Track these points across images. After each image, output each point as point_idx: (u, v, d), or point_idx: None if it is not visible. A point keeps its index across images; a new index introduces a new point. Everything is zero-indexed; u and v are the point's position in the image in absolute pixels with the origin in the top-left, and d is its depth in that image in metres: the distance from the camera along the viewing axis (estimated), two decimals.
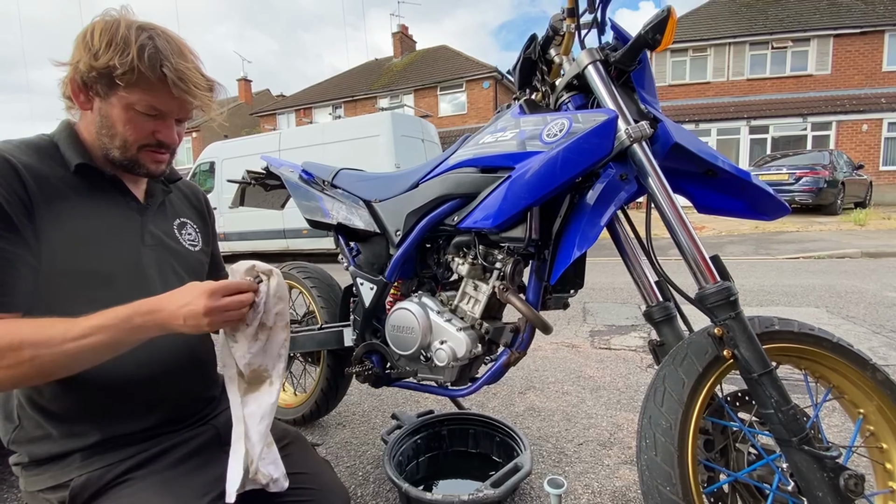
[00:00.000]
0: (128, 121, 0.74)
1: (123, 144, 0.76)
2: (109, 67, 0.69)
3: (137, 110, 0.74)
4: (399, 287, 1.34)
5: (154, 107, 0.74)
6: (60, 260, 0.70)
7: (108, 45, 0.69)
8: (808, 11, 14.79)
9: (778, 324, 0.87)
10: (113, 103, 0.73)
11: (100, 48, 0.69)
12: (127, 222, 0.81)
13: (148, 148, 0.78)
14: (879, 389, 0.85)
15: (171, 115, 0.78)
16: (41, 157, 0.73)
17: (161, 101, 0.75)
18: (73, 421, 0.74)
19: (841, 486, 0.76)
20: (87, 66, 0.70)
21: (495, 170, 1.05)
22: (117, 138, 0.75)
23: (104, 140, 0.76)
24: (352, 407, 1.95)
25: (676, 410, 0.79)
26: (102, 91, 0.73)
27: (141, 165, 0.78)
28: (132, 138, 0.75)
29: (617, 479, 1.37)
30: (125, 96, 0.72)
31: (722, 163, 0.94)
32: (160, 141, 0.78)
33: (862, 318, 2.90)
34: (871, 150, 13.10)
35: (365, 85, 19.72)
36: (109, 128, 0.75)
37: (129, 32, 0.71)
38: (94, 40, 0.70)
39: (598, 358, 2.45)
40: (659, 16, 0.88)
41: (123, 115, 0.74)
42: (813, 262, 5.19)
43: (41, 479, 0.73)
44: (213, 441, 0.86)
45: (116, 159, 0.77)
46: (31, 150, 0.73)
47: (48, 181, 0.71)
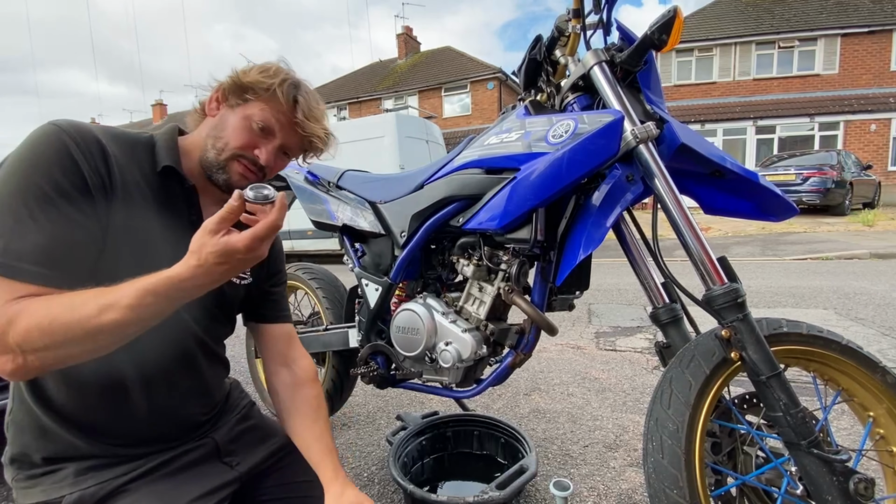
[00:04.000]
0: (239, 128, 0.79)
1: (223, 147, 0.79)
2: (252, 83, 0.78)
3: (254, 122, 0.79)
4: (404, 288, 1.34)
5: (269, 123, 0.80)
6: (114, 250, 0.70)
7: (261, 70, 0.80)
8: (815, 10, 14.68)
9: (786, 326, 0.86)
10: (236, 112, 0.80)
11: (251, 70, 0.80)
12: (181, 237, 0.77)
13: (242, 160, 0.80)
14: (889, 392, 0.84)
15: (279, 136, 0.82)
16: (134, 151, 0.76)
17: (279, 122, 0.81)
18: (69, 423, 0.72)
19: (850, 490, 0.75)
20: (231, 81, 0.79)
21: (500, 171, 1.05)
22: (221, 140, 0.79)
23: (209, 141, 0.80)
24: (357, 408, 1.95)
25: (683, 413, 0.78)
26: (234, 101, 0.80)
27: (226, 172, 0.80)
28: (234, 143, 0.79)
29: (623, 481, 1.36)
30: (250, 107, 0.79)
31: (729, 164, 0.93)
32: (255, 157, 0.80)
33: (871, 319, 2.87)
34: (880, 151, 12.98)
35: (369, 86, 19.78)
36: (220, 130, 0.80)
37: (282, 69, 0.82)
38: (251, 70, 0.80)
39: (604, 359, 2.44)
40: (665, 16, 0.87)
41: (239, 122, 0.79)
42: (821, 263, 5.14)
43: (31, 493, 0.72)
44: (211, 454, 0.84)
45: (208, 161, 0.79)
46: (128, 143, 0.76)
47: (130, 175, 0.73)
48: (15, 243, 0.60)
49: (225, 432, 0.88)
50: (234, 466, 0.85)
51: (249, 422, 0.94)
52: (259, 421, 0.96)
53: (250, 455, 0.88)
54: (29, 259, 0.60)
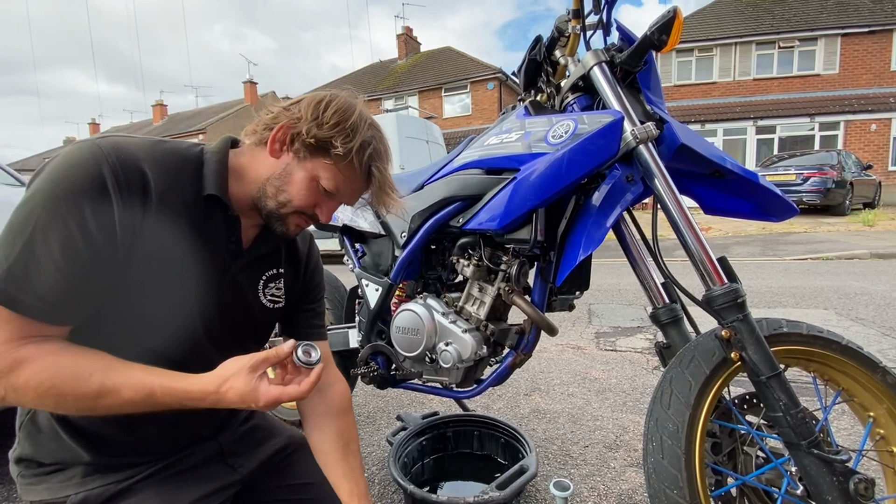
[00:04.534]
0: (306, 188, 0.75)
1: (285, 203, 0.75)
2: (328, 142, 0.72)
3: (321, 184, 0.75)
4: (404, 288, 1.34)
5: (337, 189, 0.76)
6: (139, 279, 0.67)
7: (337, 124, 0.72)
8: (816, 10, 14.67)
9: (786, 326, 0.86)
10: (304, 167, 0.74)
11: (328, 122, 0.71)
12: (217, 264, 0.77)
13: (301, 215, 0.78)
14: (890, 393, 0.84)
15: (342, 199, 0.79)
16: (179, 175, 0.71)
17: (346, 189, 0.77)
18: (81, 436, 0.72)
19: (851, 491, 0.75)
20: (306, 129, 0.71)
21: (500, 171, 1.05)
22: (283, 195, 0.75)
23: (269, 189, 0.75)
24: (357, 408, 1.95)
25: (683, 413, 0.78)
26: (303, 153, 0.73)
27: (284, 224, 0.77)
28: (297, 203, 0.75)
29: (623, 481, 1.36)
30: (319, 168, 0.74)
31: (729, 164, 0.93)
32: (315, 214, 0.78)
33: (871, 320, 2.87)
34: (880, 151, 12.97)
35: (369, 86, 19.78)
36: (284, 182, 0.74)
37: (360, 123, 0.74)
38: (325, 112, 0.72)
39: (604, 360, 2.44)
40: (665, 16, 0.87)
41: (306, 181, 0.74)
42: (821, 263, 5.14)
43: (36, 490, 0.72)
44: (215, 456, 0.84)
45: (267, 209, 0.76)
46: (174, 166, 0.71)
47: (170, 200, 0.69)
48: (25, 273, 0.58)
49: (229, 434, 0.88)
50: (237, 468, 0.85)
51: (252, 423, 0.94)
52: (261, 422, 0.96)
53: (253, 457, 0.88)
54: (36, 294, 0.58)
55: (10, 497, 1.35)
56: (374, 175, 0.77)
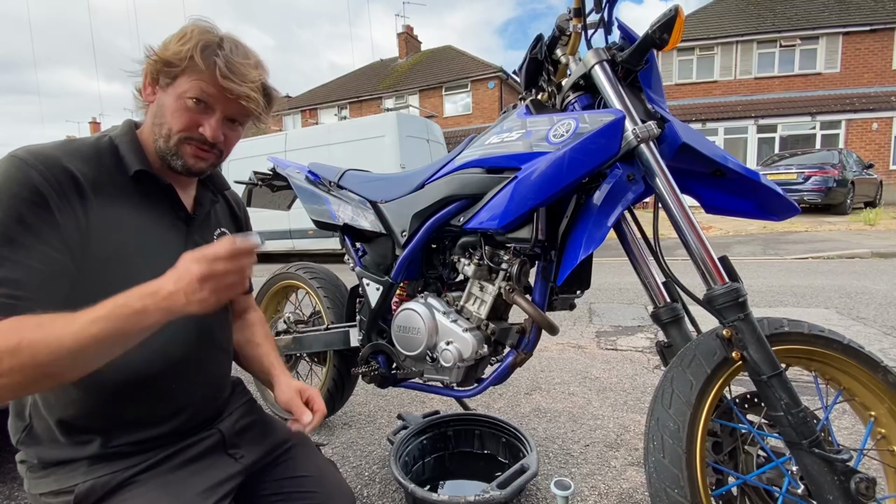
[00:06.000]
0: (176, 109, 0.76)
1: (168, 133, 0.77)
2: (170, 56, 0.74)
3: (187, 99, 0.76)
4: (405, 288, 1.34)
5: (200, 95, 0.76)
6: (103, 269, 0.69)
7: (178, 39, 0.74)
8: (817, 9, 14.64)
9: (787, 325, 0.86)
10: (169, 93, 0.76)
11: (170, 42, 0.75)
12: (173, 233, 0.82)
13: (191, 142, 0.78)
14: (891, 392, 0.84)
15: (217, 107, 0.78)
16: (100, 163, 0.74)
17: (208, 90, 0.76)
18: (82, 429, 0.74)
19: (852, 490, 0.75)
20: (156, 58, 0.75)
21: (501, 170, 1.05)
22: (164, 126, 0.77)
23: (154, 129, 0.78)
24: (358, 407, 1.96)
25: (684, 412, 0.78)
26: (163, 82, 0.76)
27: (180, 157, 0.78)
28: (177, 127, 0.76)
29: (624, 480, 1.36)
30: (179, 85, 0.75)
31: (731, 163, 0.93)
32: (202, 136, 0.78)
33: (872, 319, 2.86)
34: (882, 149, 12.95)
35: (370, 86, 19.77)
36: (160, 117, 0.77)
37: (194, 29, 0.76)
38: (170, 40, 0.75)
39: (605, 359, 2.44)
40: (666, 15, 0.87)
41: (174, 103, 0.76)
42: (822, 262, 5.13)
43: (45, 483, 0.73)
44: (217, 445, 0.86)
45: (160, 150, 0.78)
46: (91, 155, 0.74)
47: (104, 189, 0.72)
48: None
49: (230, 424, 0.90)
50: (239, 459, 0.86)
51: (252, 416, 0.96)
52: (261, 416, 0.98)
53: (254, 449, 0.90)
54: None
55: (10, 496, 1.36)
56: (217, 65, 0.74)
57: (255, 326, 1.08)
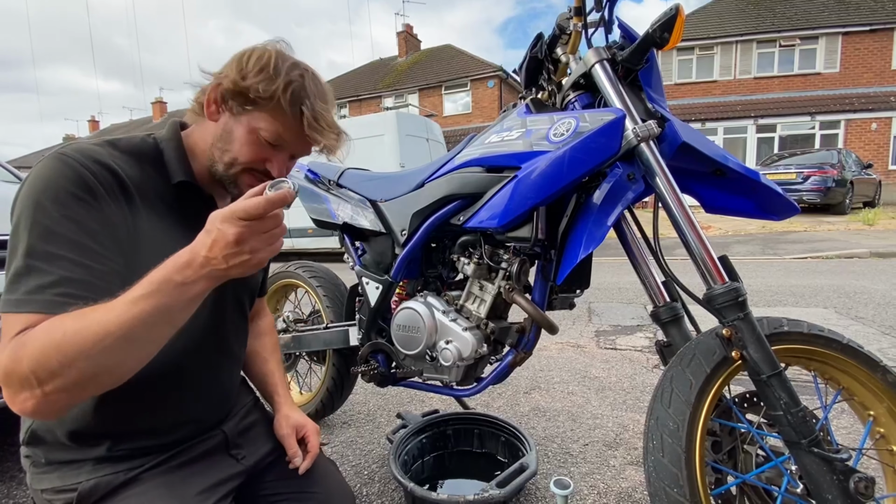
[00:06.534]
0: (247, 142, 0.75)
1: (232, 161, 0.75)
2: (252, 89, 0.71)
3: (261, 135, 0.74)
4: (405, 286, 1.34)
5: (278, 137, 0.75)
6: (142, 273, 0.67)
7: (260, 70, 0.72)
8: (817, 9, 14.64)
9: (787, 325, 0.86)
10: (241, 122, 0.74)
11: (250, 71, 0.72)
12: None
13: (252, 173, 0.77)
14: (890, 391, 0.84)
15: (289, 149, 0.79)
16: (144, 166, 0.73)
17: (287, 135, 0.76)
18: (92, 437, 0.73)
19: (851, 489, 0.75)
20: (231, 83, 0.72)
21: (501, 169, 1.05)
22: (228, 154, 0.75)
23: (215, 152, 0.76)
24: (357, 406, 1.96)
25: (684, 412, 0.78)
26: (236, 108, 0.74)
27: (237, 186, 0.78)
28: (243, 159, 0.75)
29: (623, 479, 1.36)
30: (255, 119, 0.74)
31: (731, 162, 0.93)
32: (267, 170, 0.78)
33: (871, 318, 2.87)
34: (881, 149, 12.96)
35: (369, 84, 19.75)
36: (226, 142, 0.75)
37: (282, 65, 0.73)
38: (247, 63, 0.72)
39: (604, 358, 2.44)
40: (667, 14, 0.87)
41: (245, 135, 0.74)
42: (821, 262, 5.14)
43: (48, 479, 0.73)
44: (219, 446, 0.86)
45: (218, 173, 0.77)
46: (136, 158, 0.73)
47: (148, 194, 0.71)
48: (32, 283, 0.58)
49: (233, 425, 0.90)
50: (241, 460, 0.86)
51: (254, 416, 0.96)
52: (262, 416, 0.98)
53: (256, 449, 0.90)
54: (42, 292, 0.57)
55: (9, 494, 1.35)
56: (304, 115, 0.74)
57: (265, 337, 1.07)
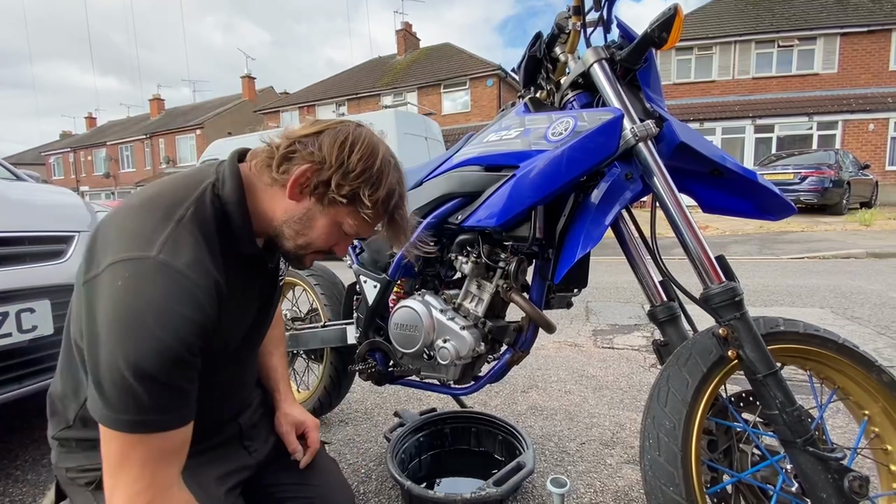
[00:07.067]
0: (327, 233, 0.74)
1: (305, 245, 0.74)
2: (355, 193, 0.69)
3: (342, 228, 0.74)
4: (402, 285, 1.34)
5: (358, 233, 0.76)
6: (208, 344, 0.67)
7: (363, 172, 0.69)
8: (815, 10, 14.67)
9: (783, 324, 0.86)
10: (327, 214, 0.72)
11: (354, 171, 0.68)
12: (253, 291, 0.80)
13: (319, 253, 0.78)
14: (885, 391, 0.85)
15: (360, 237, 0.81)
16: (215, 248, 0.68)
17: (369, 231, 0.77)
18: None
19: (845, 488, 0.75)
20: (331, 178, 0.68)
21: (500, 168, 1.05)
22: (303, 238, 0.73)
23: (287, 231, 0.73)
24: (354, 404, 1.96)
25: (680, 410, 0.79)
26: (327, 201, 0.70)
27: (301, 262, 0.78)
28: (318, 245, 0.75)
29: (619, 478, 1.37)
30: (343, 214, 0.72)
31: (728, 162, 0.93)
32: (333, 251, 0.78)
33: (867, 318, 2.88)
34: (878, 150, 13.00)
35: (368, 83, 19.71)
36: (304, 227, 0.73)
37: (385, 169, 0.72)
38: (349, 158, 0.68)
39: (601, 357, 2.44)
40: (665, 14, 0.87)
41: (328, 227, 0.73)
42: (818, 262, 5.16)
43: (74, 458, 0.74)
44: (235, 437, 0.88)
45: (285, 249, 0.76)
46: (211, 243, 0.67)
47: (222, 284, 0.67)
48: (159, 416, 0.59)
49: (247, 417, 0.92)
50: (252, 453, 0.89)
51: (263, 409, 0.98)
52: (268, 409, 1.00)
53: (266, 442, 0.93)
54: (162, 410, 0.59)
55: (5, 492, 1.35)
56: (395, 222, 0.77)
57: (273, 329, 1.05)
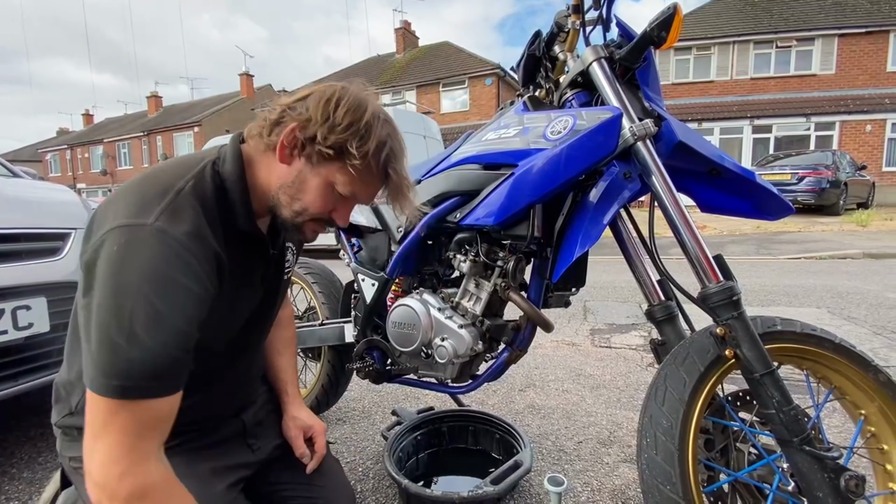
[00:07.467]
0: (321, 195, 0.71)
1: (301, 211, 0.72)
2: (342, 146, 0.67)
3: (337, 189, 0.71)
4: (400, 284, 1.33)
5: (354, 193, 0.72)
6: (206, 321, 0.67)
7: (350, 125, 0.67)
8: (814, 10, 14.70)
9: (780, 324, 0.87)
10: (318, 173, 0.70)
11: (340, 124, 0.67)
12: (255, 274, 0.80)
13: (318, 221, 0.75)
14: (881, 391, 0.85)
15: (359, 201, 0.76)
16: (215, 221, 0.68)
17: (364, 191, 0.74)
18: None
19: (841, 487, 0.76)
20: (317, 133, 0.67)
21: (498, 167, 1.05)
22: (298, 203, 0.71)
23: (282, 197, 0.72)
24: (352, 403, 1.95)
25: (677, 409, 0.79)
26: (316, 158, 0.69)
27: (300, 232, 0.76)
28: (313, 209, 0.72)
29: (616, 477, 1.37)
30: (334, 173, 0.70)
31: (727, 162, 0.93)
32: (332, 219, 0.76)
33: (863, 319, 2.89)
34: (875, 151, 13.04)
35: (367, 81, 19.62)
36: (298, 191, 0.71)
37: (374, 122, 0.69)
38: (335, 112, 0.67)
39: (599, 356, 2.45)
40: (665, 13, 0.87)
41: (321, 188, 0.71)
42: (815, 262, 5.18)
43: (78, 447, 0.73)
44: (238, 433, 0.88)
45: (282, 218, 0.73)
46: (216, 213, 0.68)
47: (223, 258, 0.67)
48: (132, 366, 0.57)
49: (251, 415, 0.91)
50: (255, 451, 0.89)
51: (268, 407, 0.98)
52: (274, 408, 1.00)
53: (269, 440, 0.93)
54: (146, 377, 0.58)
55: (1, 489, 1.35)
56: (391, 177, 0.73)
57: (283, 330, 1.04)
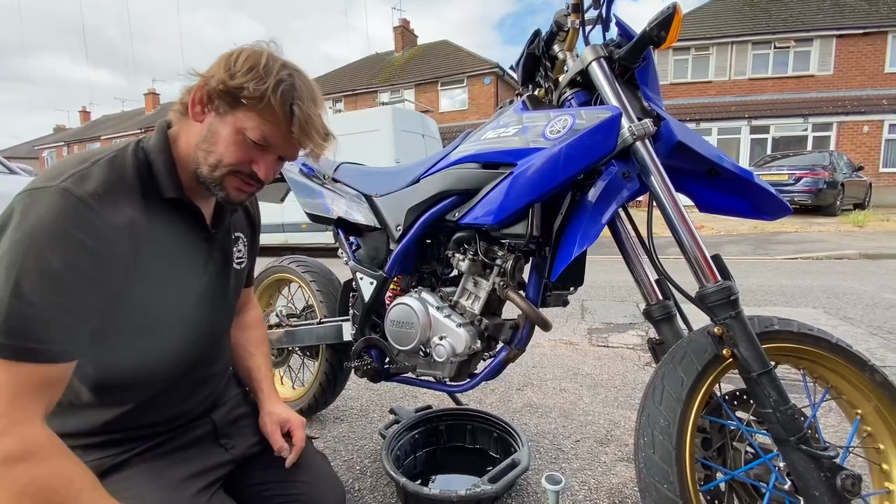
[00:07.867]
0: (233, 143, 0.72)
1: (217, 163, 0.73)
2: (240, 88, 0.69)
3: (247, 136, 0.72)
4: (399, 282, 1.33)
5: (265, 138, 0.73)
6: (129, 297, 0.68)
7: (249, 70, 0.69)
8: (812, 11, 14.74)
9: (777, 324, 0.87)
10: (227, 122, 0.72)
11: (238, 70, 0.69)
12: (195, 250, 0.80)
13: (238, 175, 0.75)
14: (878, 390, 0.86)
15: (277, 151, 0.76)
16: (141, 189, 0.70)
17: (275, 136, 0.74)
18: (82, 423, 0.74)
19: (838, 486, 0.76)
20: (218, 82, 0.70)
21: (497, 166, 1.05)
22: (213, 156, 0.73)
23: (199, 154, 0.74)
24: (350, 401, 1.95)
25: (675, 409, 0.79)
26: (222, 108, 0.72)
27: (223, 189, 0.76)
28: (228, 160, 0.73)
29: (613, 475, 1.37)
30: (242, 119, 0.71)
31: (725, 162, 0.94)
32: (253, 172, 0.76)
33: (859, 319, 2.91)
34: (872, 152, 13.10)
35: (365, 79, 19.64)
36: (211, 143, 0.73)
37: (272, 65, 0.71)
38: (236, 62, 0.70)
39: (596, 355, 2.45)
40: (664, 12, 0.87)
41: (232, 136, 0.72)
42: (811, 262, 5.20)
43: None
44: (208, 435, 0.87)
45: (202, 176, 0.74)
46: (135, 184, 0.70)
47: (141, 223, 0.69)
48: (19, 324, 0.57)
49: (222, 414, 0.91)
50: (229, 449, 0.87)
51: (243, 408, 0.97)
52: (251, 408, 0.99)
53: (245, 439, 0.91)
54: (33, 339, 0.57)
55: None
56: (295, 114, 0.72)
57: (251, 330, 1.06)
